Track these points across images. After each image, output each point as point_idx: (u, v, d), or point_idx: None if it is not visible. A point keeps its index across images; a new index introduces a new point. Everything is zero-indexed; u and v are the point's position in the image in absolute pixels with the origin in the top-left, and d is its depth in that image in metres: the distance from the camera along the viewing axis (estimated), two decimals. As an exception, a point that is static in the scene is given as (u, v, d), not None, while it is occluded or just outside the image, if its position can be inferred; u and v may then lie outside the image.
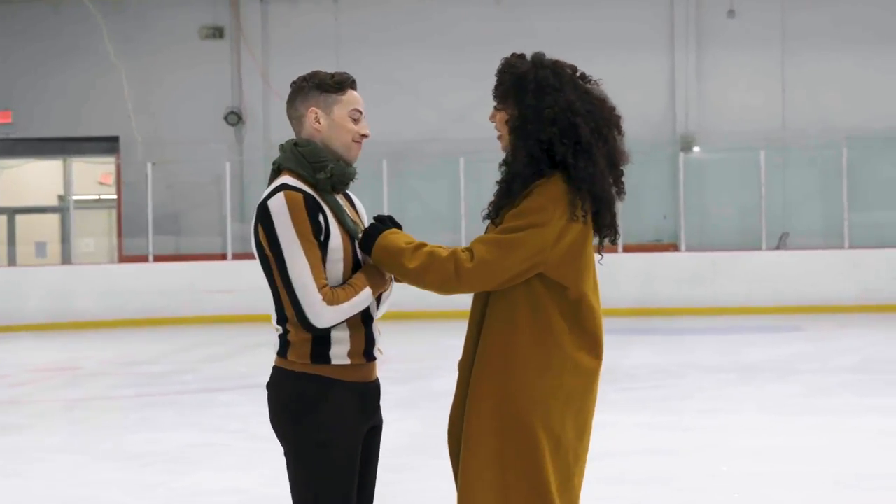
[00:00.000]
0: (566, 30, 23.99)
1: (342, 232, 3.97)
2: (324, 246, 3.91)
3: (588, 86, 3.94)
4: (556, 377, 3.83)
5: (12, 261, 24.68)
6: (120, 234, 24.68)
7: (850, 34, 23.86)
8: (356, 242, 3.99)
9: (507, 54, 4.01)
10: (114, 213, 25.72)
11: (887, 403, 11.12)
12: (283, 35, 25.00)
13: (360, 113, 4.14)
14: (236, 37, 25.02)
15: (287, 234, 3.86)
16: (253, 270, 19.54)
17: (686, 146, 23.83)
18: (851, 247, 22.29)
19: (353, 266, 3.98)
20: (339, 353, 3.95)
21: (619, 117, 3.98)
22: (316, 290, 3.83)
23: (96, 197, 26.34)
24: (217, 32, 24.99)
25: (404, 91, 24.61)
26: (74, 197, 23.67)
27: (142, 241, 23.36)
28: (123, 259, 24.10)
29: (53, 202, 26.41)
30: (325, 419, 3.93)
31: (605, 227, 3.95)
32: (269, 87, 24.84)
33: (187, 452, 9.27)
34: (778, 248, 22.85)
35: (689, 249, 22.67)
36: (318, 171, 4.02)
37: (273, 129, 24.81)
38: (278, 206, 3.88)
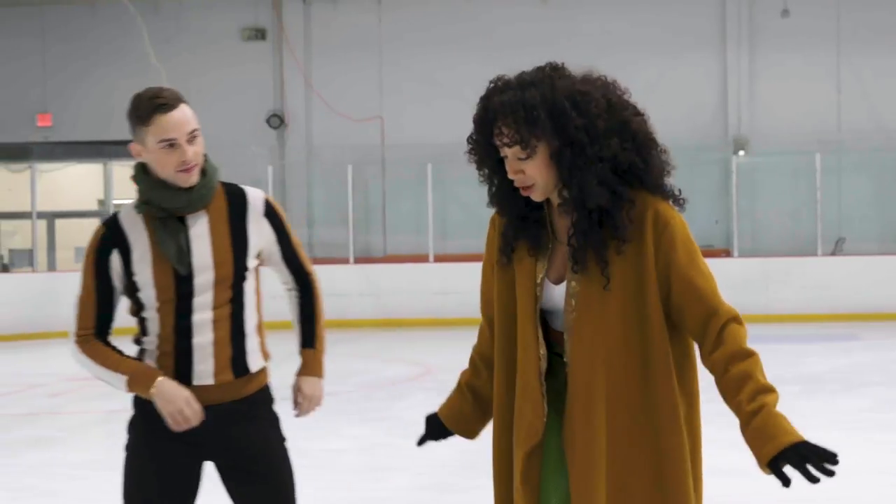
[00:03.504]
0: (614, 30, 23.54)
1: (160, 261, 3.85)
2: (128, 278, 3.89)
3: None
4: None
5: (52, 266, 24.41)
6: (161, 240, 24.40)
7: (907, 35, 23.33)
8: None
9: (551, 59, 3.37)
10: (154, 217, 25.41)
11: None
12: (325, 36, 24.62)
13: (175, 138, 3.83)
14: (278, 38, 24.65)
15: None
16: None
17: (738, 148, 23.34)
18: (909, 253, 21.77)
19: (177, 296, 3.86)
20: None
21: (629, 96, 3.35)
22: (76, 328, 3.91)
23: (137, 201, 26.04)
24: (259, 34, 24.64)
25: (447, 93, 24.19)
26: (115, 201, 23.43)
27: (182, 246, 23.11)
28: (164, 264, 23.83)
29: (93, 206, 26.12)
30: (127, 434, 3.99)
31: None
32: (312, 90, 24.46)
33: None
34: (834, 253, 22.32)
35: (741, 255, 22.18)
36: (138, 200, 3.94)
37: (315, 131, 24.46)
38: None
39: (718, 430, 10.37)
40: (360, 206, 23.24)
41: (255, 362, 3.97)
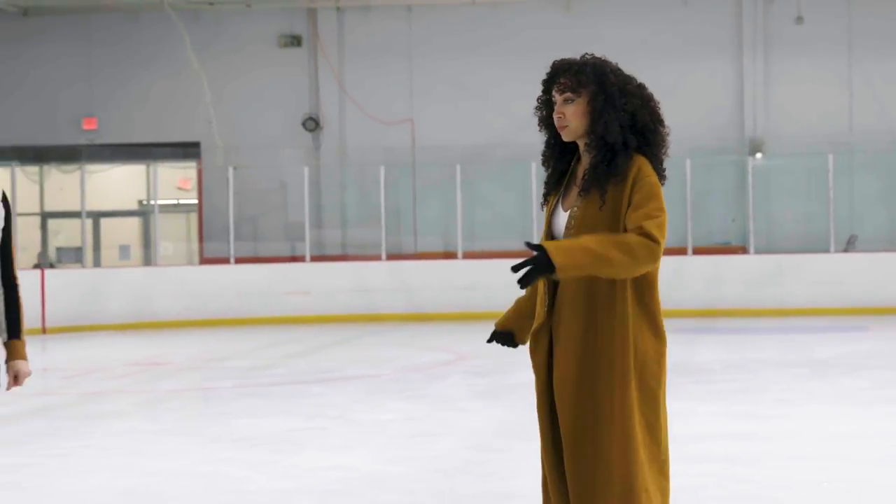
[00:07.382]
0: (635, 36, 24.32)
1: None
2: None
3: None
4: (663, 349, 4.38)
5: (97, 263, 25.34)
6: (201, 238, 25.29)
7: (917, 39, 24.10)
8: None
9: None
10: (191, 216, 26.38)
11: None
12: (358, 42, 25.51)
13: None
14: (313, 45, 25.56)
15: None
16: (329, 273, 20.16)
17: (754, 150, 24.13)
18: (919, 249, 22.49)
19: None
20: None
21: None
22: None
23: (175, 202, 26.99)
24: (295, 41, 25.57)
25: (474, 96, 25.04)
26: (159, 201, 24.16)
27: (218, 244, 23.95)
28: (204, 262, 24.69)
29: (133, 206, 27.09)
30: None
31: None
32: (345, 94, 25.36)
33: (293, 435, 9.80)
34: (846, 250, 23.05)
35: (757, 252, 22.90)
36: None
37: (349, 134, 25.35)
38: None
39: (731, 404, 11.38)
40: (391, 206, 23.97)
41: None
